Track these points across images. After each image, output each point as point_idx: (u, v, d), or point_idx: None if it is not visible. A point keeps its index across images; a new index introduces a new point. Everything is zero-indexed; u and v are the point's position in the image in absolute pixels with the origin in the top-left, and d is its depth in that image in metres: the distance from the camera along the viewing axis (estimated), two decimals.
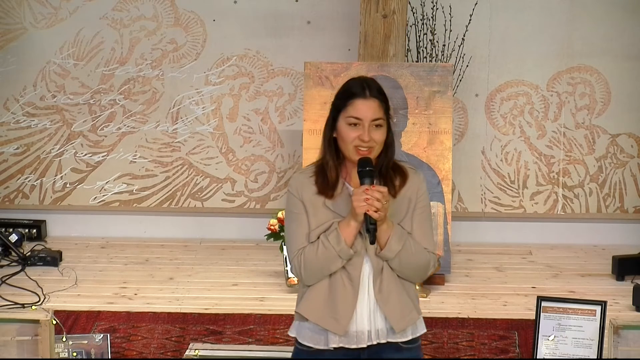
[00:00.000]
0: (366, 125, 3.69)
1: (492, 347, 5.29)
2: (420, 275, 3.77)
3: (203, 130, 7.05)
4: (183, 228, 7.11)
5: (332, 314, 3.72)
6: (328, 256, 3.68)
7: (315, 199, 3.75)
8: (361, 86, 3.72)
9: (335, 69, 6.30)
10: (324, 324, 3.73)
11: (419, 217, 3.76)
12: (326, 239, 3.69)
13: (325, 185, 3.75)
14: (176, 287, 6.11)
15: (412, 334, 3.78)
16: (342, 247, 3.67)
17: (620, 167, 6.99)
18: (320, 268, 3.71)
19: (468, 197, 7.01)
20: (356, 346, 3.73)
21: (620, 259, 6.27)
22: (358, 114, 3.70)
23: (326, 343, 3.75)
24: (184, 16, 6.98)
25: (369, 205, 3.61)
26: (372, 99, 3.71)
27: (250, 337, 5.38)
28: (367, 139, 3.68)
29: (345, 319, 3.71)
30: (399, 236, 3.69)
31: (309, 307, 3.76)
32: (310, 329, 3.78)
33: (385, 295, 3.71)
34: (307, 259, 3.72)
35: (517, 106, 6.96)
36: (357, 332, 3.73)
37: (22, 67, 7.00)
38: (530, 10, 6.88)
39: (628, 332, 4.48)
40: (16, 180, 7.09)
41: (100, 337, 4.89)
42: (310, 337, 3.78)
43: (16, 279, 6.15)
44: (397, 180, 3.76)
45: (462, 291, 6.06)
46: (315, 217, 3.74)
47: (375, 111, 3.70)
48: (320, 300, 3.74)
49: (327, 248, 3.68)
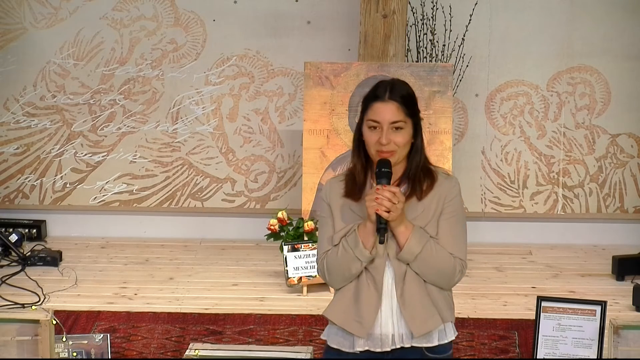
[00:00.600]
0: (384, 128, 3.69)
1: (492, 347, 5.29)
2: (445, 280, 3.74)
3: (203, 130, 7.05)
4: (183, 228, 7.11)
5: (356, 317, 3.73)
6: (347, 259, 3.70)
7: (342, 202, 3.78)
8: (382, 89, 3.73)
9: (335, 69, 6.30)
10: (348, 327, 3.74)
11: (447, 222, 3.75)
12: (346, 242, 3.71)
13: (353, 188, 3.76)
14: (176, 287, 6.11)
15: (439, 340, 3.77)
16: (360, 249, 3.68)
17: (620, 167, 6.99)
18: (342, 271, 3.72)
19: (468, 197, 7.01)
20: (381, 349, 3.73)
21: (620, 259, 6.27)
22: (376, 117, 3.71)
23: (352, 346, 3.75)
24: (184, 16, 6.98)
25: (378, 205, 3.62)
26: (391, 101, 3.71)
27: (250, 337, 5.38)
28: (384, 141, 3.69)
29: (369, 322, 3.71)
30: (419, 238, 3.69)
31: (335, 310, 3.78)
32: (337, 332, 3.79)
33: (407, 299, 3.71)
34: (329, 262, 3.75)
35: (517, 106, 6.96)
36: (382, 335, 3.73)
37: (22, 67, 7.01)
38: (530, 10, 6.88)
39: (628, 332, 4.48)
40: (16, 180, 7.09)
41: (100, 337, 4.89)
42: (337, 340, 3.79)
43: (16, 279, 6.15)
44: (425, 184, 3.76)
45: (462, 291, 6.06)
46: (340, 221, 3.77)
47: (394, 114, 3.70)
48: (345, 304, 3.76)
49: (347, 250, 3.70)
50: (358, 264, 3.70)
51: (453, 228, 3.77)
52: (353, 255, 3.69)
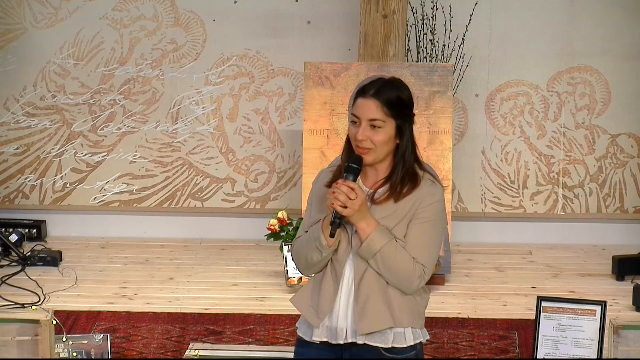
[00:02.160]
0: (362, 124, 3.70)
1: (492, 347, 5.29)
2: (403, 284, 3.70)
3: (203, 130, 7.05)
4: (183, 228, 7.11)
5: (313, 306, 3.78)
6: (309, 247, 3.76)
7: (323, 192, 3.80)
8: (371, 85, 3.75)
9: (335, 69, 6.30)
10: (304, 313, 3.81)
11: (418, 226, 3.73)
12: (311, 230, 3.78)
13: (337, 178, 3.78)
14: (176, 287, 6.11)
15: (395, 343, 3.72)
16: (320, 239, 3.71)
17: (620, 167, 6.99)
18: (305, 257, 3.78)
19: (468, 197, 7.01)
20: (335, 342, 3.76)
21: (620, 259, 6.27)
22: (356, 111, 3.75)
23: (311, 335, 3.79)
24: (184, 16, 6.98)
25: (334, 199, 3.65)
26: (372, 99, 3.71)
27: (250, 337, 5.38)
28: (360, 137, 3.70)
29: (323, 312, 3.75)
30: (380, 237, 3.68)
31: (299, 296, 3.85)
32: (303, 320, 3.85)
33: (361, 296, 3.72)
34: (296, 248, 3.83)
35: (517, 106, 6.96)
36: (338, 328, 3.76)
37: (22, 67, 7.01)
38: (530, 10, 6.88)
39: (628, 332, 4.48)
40: (16, 180, 7.09)
41: (100, 337, 4.89)
42: (302, 329, 3.85)
43: (16, 279, 6.15)
44: (406, 187, 3.75)
45: (462, 291, 6.06)
46: (317, 211, 3.80)
47: (373, 111, 3.70)
48: (309, 292, 3.82)
49: (309, 239, 3.76)
50: (318, 253, 3.74)
51: (423, 233, 3.73)
52: (314, 244, 3.73)
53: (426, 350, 5.22)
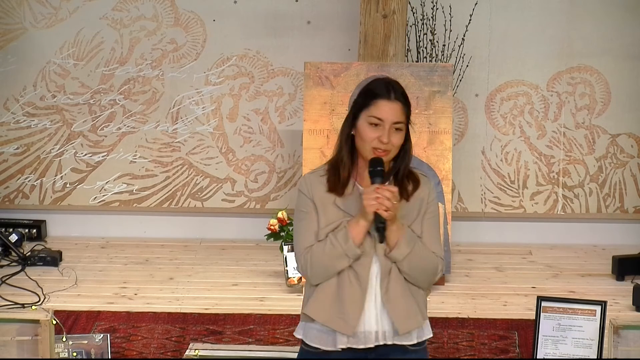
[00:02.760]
0: (387, 127, 3.69)
1: (492, 347, 5.29)
2: (429, 279, 3.77)
3: (203, 130, 7.05)
4: (183, 228, 7.11)
5: (340, 315, 3.71)
6: (335, 254, 3.68)
7: (325, 197, 3.75)
8: (386, 88, 3.72)
9: (335, 69, 6.30)
10: (332, 325, 3.72)
11: (429, 222, 3.78)
12: (334, 237, 3.69)
13: (337, 183, 3.75)
14: (176, 287, 6.11)
15: (418, 338, 3.77)
16: (350, 245, 3.66)
17: (620, 167, 6.99)
18: (327, 266, 3.70)
19: (468, 197, 7.01)
20: (364, 346, 3.73)
21: (620, 259, 6.27)
22: (380, 114, 3.70)
23: (334, 344, 3.74)
24: (184, 16, 6.98)
25: (379, 204, 3.62)
26: (396, 101, 3.71)
27: (250, 337, 5.38)
28: (386, 140, 3.68)
29: (354, 319, 3.70)
30: (409, 239, 3.70)
31: (317, 307, 3.75)
32: (317, 329, 3.77)
33: (392, 297, 3.71)
34: (315, 257, 3.71)
35: (517, 106, 6.96)
36: (365, 332, 3.73)
37: (22, 67, 7.01)
38: (530, 10, 6.88)
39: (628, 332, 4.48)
40: (16, 180, 7.09)
41: (100, 337, 4.89)
42: (317, 338, 3.77)
43: (16, 279, 6.15)
44: (411, 185, 3.78)
45: (462, 291, 6.06)
46: (324, 216, 3.74)
47: (398, 114, 3.70)
48: (328, 301, 3.73)
49: (335, 246, 3.68)
50: (345, 260, 3.68)
51: (433, 228, 3.80)
52: (342, 251, 3.67)
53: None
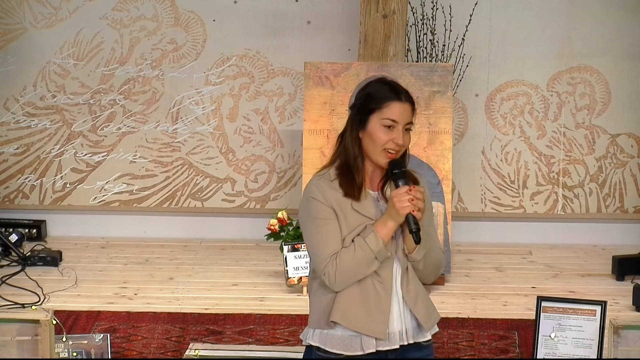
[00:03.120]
0: (400, 128, 3.68)
1: (492, 347, 5.29)
2: (437, 273, 3.80)
3: (203, 130, 7.05)
4: (183, 228, 7.11)
5: (368, 319, 3.69)
6: (365, 258, 3.64)
7: (343, 202, 3.70)
8: (395, 89, 3.72)
9: (335, 69, 6.30)
10: (363, 330, 3.68)
11: (429, 218, 3.79)
12: (363, 241, 3.64)
13: (352, 188, 3.72)
14: (176, 287, 6.11)
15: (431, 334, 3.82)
16: (380, 248, 3.65)
17: (620, 167, 6.99)
18: (356, 272, 3.66)
19: (468, 197, 7.01)
20: (389, 347, 3.71)
21: (620, 259, 6.27)
22: (394, 116, 3.68)
23: (361, 348, 3.70)
24: (184, 16, 6.98)
25: (413, 206, 3.61)
26: (407, 102, 3.71)
27: (250, 337, 5.38)
28: (401, 142, 3.68)
29: (383, 322, 3.69)
30: (426, 237, 3.70)
31: (344, 314, 3.69)
32: (341, 336, 3.72)
33: (413, 295, 3.72)
34: (344, 264, 3.65)
35: (517, 106, 6.96)
36: (390, 333, 3.71)
37: (22, 67, 7.01)
38: (530, 10, 6.88)
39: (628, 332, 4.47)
40: (16, 180, 7.09)
41: (100, 337, 4.89)
42: (341, 344, 3.71)
43: (16, 279, 6.15)
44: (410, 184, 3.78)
45: (462, 291, 6.06)
46: (345, 222, 3.69)
47: (409, 115, 3.71)
48: (354, 306, 3.70)
49: (364, 250, 3.64)
50: (376, 264, 3.66)
51: (432, 222, 3.83)
52: (372, 255, 3.63)
53: None
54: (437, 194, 6.14)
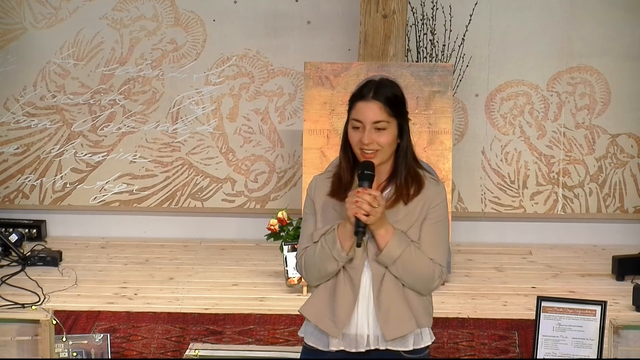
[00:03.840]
0: (367, 128, 3.67)
1: (492, 347, 5.29)
2: (424, 285, 3.72)
3: (203, 130, 7.05)
4: (183, 228, 7.11)
5: (330, 316, 3.72)
6: (324, 257, 3.69)
7: (326, 200, 3.75)
8: (368, 88, 3.70)
9: (335, 69, 6.30)
10: (321, 325, 3.74)
11: (430, 227, 3.73)
12: (324, 240, 3.69)
13: (338, 187, 3.74)
14: (176, 287, 6.11)
15: (415, 344, 3.75)
16: (337, 249, 3.66)
17: (620, 167, 6.99)
18: (318, 268, 3.71)
19: (468, 197, 7.01)
20: (355, 350, 3.72)
21: (620, 259, 6.27)
22: (359, 116, 3.69)
23: (327, 345, 3.75)
24: (184, 16, 6.98)
25: (357, 208, 3.60)
26: (374, 101, 3.68)
27: (250, 337, 5.38)
28: (366, 141, 3.66)
29: (343, 322, 3.70)
30: (399, 243, 3.67)
31: (311, 307, 3.77)
32: (313, 329, 3.79)
33: (383, 302, 3.70)
34: (307, 259, 3.74)
35: (517, 106, 6.96)
36: (357, 335, 3.72)
37: (22, 67, 7.01)
38: (530, 10, 6.88)
39: (628, 332, 4.47)
40: (16, 180, 7.09)
41: (100, 337, 4.89)
42: (314, 338, 3.79)
43: (16, 279, 6.15)
44: (412, 188, 3.74)
45: (462, 291, 6.06)
46: (323, 219, 3.75)
47: (377, 113, 3.67)
48: (321, 302, 3.75)
49: (324, 249, 3.69)
50: (334, 263, 3.68)
51: (436, 234, 3.75)
52: (330, 254, 3.67)
53: None
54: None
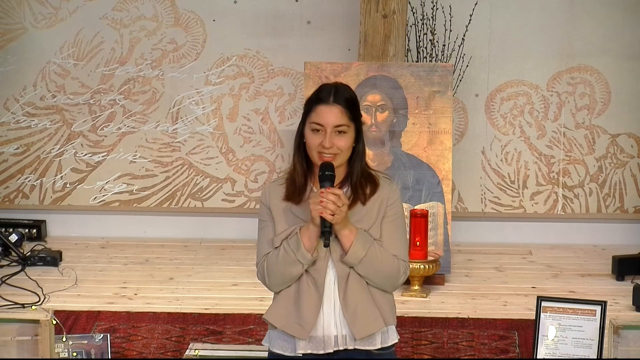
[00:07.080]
0: (328, 132, 3.70)
1: (492, 347, 5.29)
2: (390, 282, 3.75)
3: (203, 130, 7.05)
4: (183, 228, 7.11)
5: (296, 320, 3.73)
6: (288, 261, 3.70)
7: (282, 205, 3.79)
8: (327, 92, 3.73)
9: (335, 69, 6.30)
10: (289, 330, 3.74)
11: (390, 225, 3.77)
12: (287, 244, 3.71)
13: (293, 191, 3.77)
14: (176, 287, 6.11)
15: (382, 343, 3.78)
16: (302, 251, 3.67)
17: (620, 167, 6.99)
18: (282, 273, 3.72)
19: (468, 197, 7.01)
20: (323, 351, 3.73)
21: (620, 259, 6.27)
22: (320, 119, 3.71)
23: (294, 349, 3.75)
24: (184, 16, 6.98)
25: (323, 208, 3.62)
26: (335, 105, 3.71)
27: (250, 337, 5.38)
28: (327, 145, 3.69)
29: (309, 324, 3.71)
30: (363, 242, 3.69)
31: (275, 313, 3.78)
32: (279, 336, 3.80)
33: (349, 302, 3.71)
34: (269, 265, 3.75)
35: (517, 106, 6.96)
36: (324, 337, 3.73)
37: (22, 67, 7.01)
38: (530, 10, 6.88)
39: (628, 332, 4.47)
40: (16, 180, 7.10)
41: (100, 337, 4.89)
42: (279, 345, 3.80)
43: (16, 279, 6.15)
44: (368, 188, 3.78)
45: (462, 291, 6.06)
46: (280, 224, 3.77)
47: (338, 117, 3.70)
48: (286, 307, 3.76)
49: (288, 253, 3.70)
50: (299, 266, 3.69)
51: (396, 230, 3.78)
52: (294, 257, 3.68)
53: (426, 350, 5.23)
54: (437, 194, 6.14)
